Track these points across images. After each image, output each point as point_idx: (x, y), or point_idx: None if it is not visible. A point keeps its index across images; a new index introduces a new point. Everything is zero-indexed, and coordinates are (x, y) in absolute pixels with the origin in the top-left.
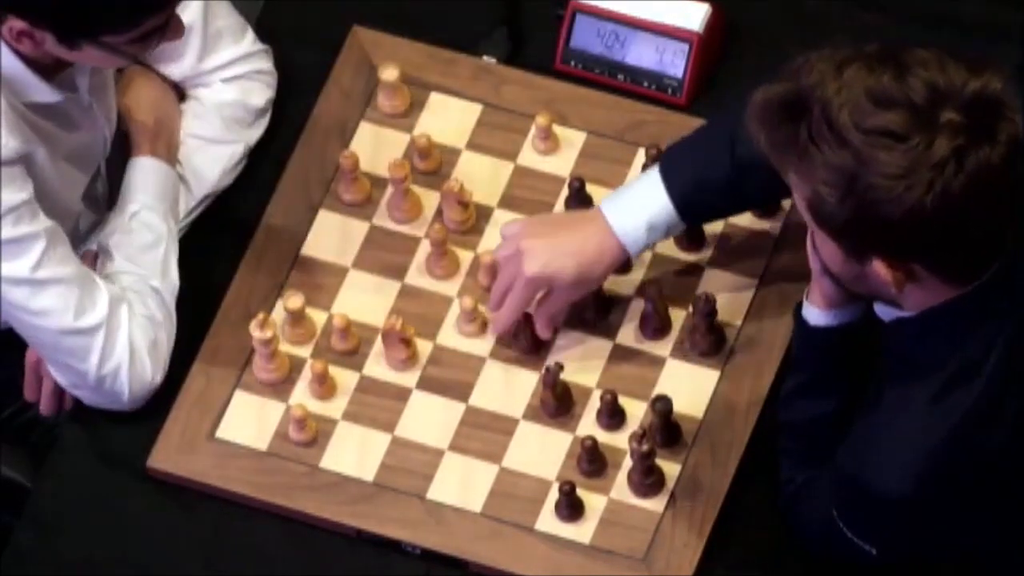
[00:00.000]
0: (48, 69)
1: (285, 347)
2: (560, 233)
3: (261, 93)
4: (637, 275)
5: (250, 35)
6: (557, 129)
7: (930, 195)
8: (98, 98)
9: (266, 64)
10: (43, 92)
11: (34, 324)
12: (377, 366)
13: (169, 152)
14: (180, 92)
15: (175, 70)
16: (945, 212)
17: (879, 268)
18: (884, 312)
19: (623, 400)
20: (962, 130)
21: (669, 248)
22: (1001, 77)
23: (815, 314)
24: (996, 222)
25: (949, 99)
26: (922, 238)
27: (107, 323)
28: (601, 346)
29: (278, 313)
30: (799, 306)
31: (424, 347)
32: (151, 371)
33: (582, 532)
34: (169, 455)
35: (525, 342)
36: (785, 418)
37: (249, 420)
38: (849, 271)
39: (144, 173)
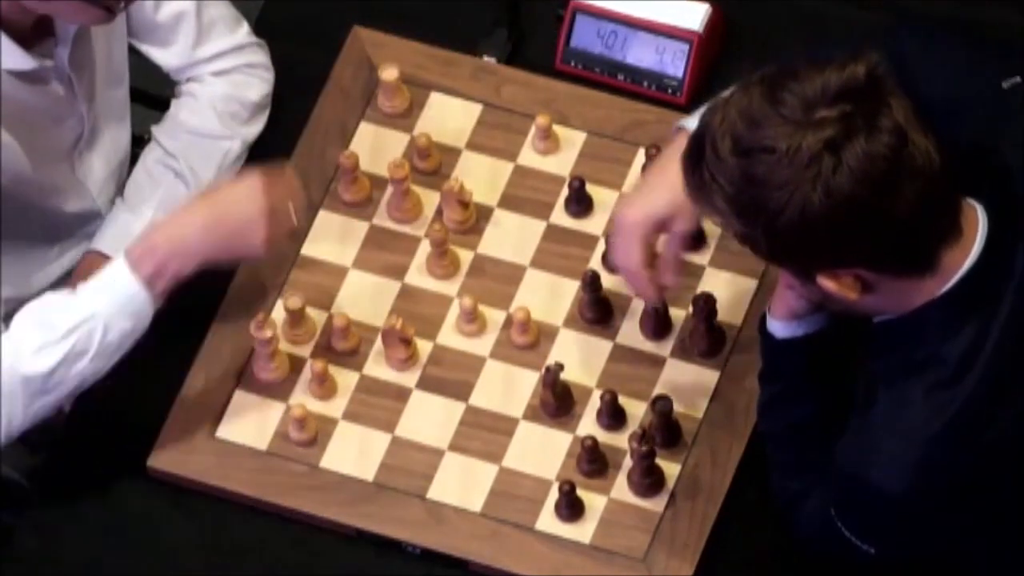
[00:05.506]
0: (25, 36)
1: (285, 347)
2: (648, 179)
3: (256, 87)
4: None
5: (244, 27)
6: (557, 129)
7: (816, 192)
8: (79, 73)
9: (260, 58)
10: (18, 58)
11: None
12: (377, 366)
13: (152, 284)
14: (172, 93)
15: (170, 57)
16: (842, 207)
17: (825, 283)
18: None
19: (623, 400)
20: (830, 124)
21: None
22: (867, 64)
23: (779, 327)
24: (914, 209)
25: (819, 102)
26: (834, 239)
27: None
28: (601, 346)
29: (278, 313)
30: (763, 320)
31: (424, 347)
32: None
33: (582, 532)
34: (169, 455)
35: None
36: (765, 428)
37: (249, 420)
38: (812, 293)
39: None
